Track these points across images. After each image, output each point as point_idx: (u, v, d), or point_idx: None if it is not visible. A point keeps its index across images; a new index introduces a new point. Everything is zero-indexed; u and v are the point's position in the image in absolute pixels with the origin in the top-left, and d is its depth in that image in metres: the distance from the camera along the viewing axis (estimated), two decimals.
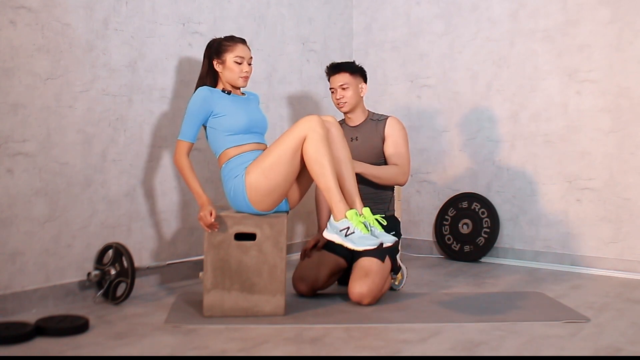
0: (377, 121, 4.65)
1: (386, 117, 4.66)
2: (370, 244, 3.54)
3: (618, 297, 4.48)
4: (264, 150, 4.10)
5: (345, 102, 4.59)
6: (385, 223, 3.82)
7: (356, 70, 4.64)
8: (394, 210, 4.65)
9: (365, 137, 4.61)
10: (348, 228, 3.62)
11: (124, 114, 4.47)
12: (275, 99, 5.66)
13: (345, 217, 3.65)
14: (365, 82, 4.70)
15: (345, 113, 4.67)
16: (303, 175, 4.00)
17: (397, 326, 3.73)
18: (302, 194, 4.14)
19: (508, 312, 4.04)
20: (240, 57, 4.14)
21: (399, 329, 3.67)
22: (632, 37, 5.18)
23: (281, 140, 3.83)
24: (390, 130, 4.59)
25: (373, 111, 4.87)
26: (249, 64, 4.20)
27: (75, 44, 4.19)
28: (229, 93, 4.17)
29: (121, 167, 4.46)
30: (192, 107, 4.03)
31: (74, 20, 4.18)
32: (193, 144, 4.06)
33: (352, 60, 4.78)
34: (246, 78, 4.18)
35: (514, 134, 5.73)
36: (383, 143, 4.59)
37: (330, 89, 4.66)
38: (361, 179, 4.32)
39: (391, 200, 4.63)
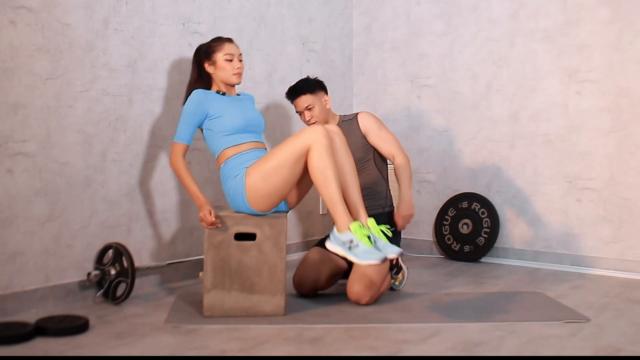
0: (349, 121, 4.70)
1: (356, 114, 4.71)
2: (374, 258, 3.50)
3: (618, 297, 4.49)
4: (262, 148, 4.13)
5: (315, 121, 4.62)
6: (390, 235, 3.80)
7: (315, 88, 4.67)
8: (392, 205, 4.65)
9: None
10: (351, 241, 3.58)
11: (124, 114, 4.48)
12: (275, 99, 5.67)
13: (349, 229, 3.62)
14: (326, 92, 4.74)
15: None
16: (303, 180, 3.99)
17: (397, 326, 3.74)
18: (301, 197, 4.13)
19: (508, 312, 4.05)
20: (230, 54, 4.18)
21: (399, 329, 3.68)
22: (632, 37, 5.18)
23: (284, 147, 3.82)
24: (367, 125, 4.64)
25: (340, 114, 4.95)
26: (240, 61, 4.23)
27: (75, 44, 4.20)
28: (223, 94, 4.20)
29: (121, 167, 4.47)
30: (187, 109, 4.05)
31: (74, 20, 4.19)
32: (189, 146, 4.07)
33: (306, 77, 4.79)
34: (239, 74, 4.20)
35: (514, 134, 5.74)
36: (364, 138, 4.63)
37: (297, 112, 4.72)
38: (361, 176, 4.45)
39: (387, 194, 4.64)
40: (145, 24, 4.60)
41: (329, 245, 3.70)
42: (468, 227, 5.85)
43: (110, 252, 4.27)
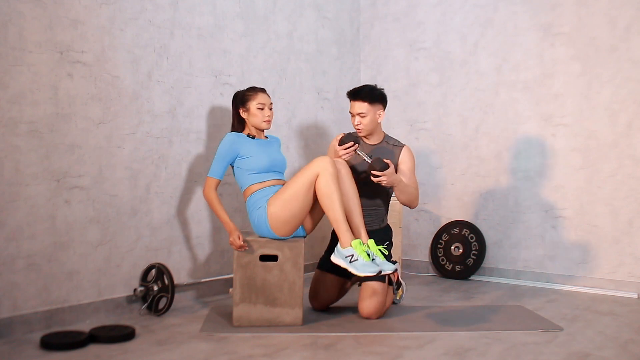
0: (392, 146, 4.42)
1: (402, 146, 4.43)
2: (371, 271, 3.55)
3: (587, 309, 4.48)
4: (282, 185, 4.15)
5: (361, 129, 4.32)
6: (387, 253, 3.81)
7: (375, 99, 4.29)
8: (387, 223, 4.54)
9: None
10: (352, 255, 3.63)
11: (165, 153, 4.52)
12: (294, 140, 5.71)
13: (351, 245, 3.67)
14: (384, 107, 4.37)
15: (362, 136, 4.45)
16: (316, 208, 4.02)
17: (399, 334, 3.75)
18: (316, 223, 4.14)
19: (493, 322, 4.05)
20: (262, 103, 4.18)
21: (400, 337, 3.69)
22: (599, 87, 5.21)
23: (298, 177, 3.87)
24: (405, 159, 4.38)
25: (387, 133, 4.60)
26: (270, 109, 4.23)
27: (123, 94, 4.25)
28: (253, 137, 4.22)
29: (162, 199, 4.51)
30: (221, 149, 4.09)
31: (122, 73, 4.25)
32: (220, 180, 4.11)
33: (374, 85, 4.40)
34: (269, 121, 4.22)
35: (498, 170, 5.75)
36: (396, 168, 4.37)
37: (350, 112, 4.36)
38: (365, 198, 4.28)
39: (385, 216, 4.51)
40: (183, 76, 4.66)
41: (333, 258, 3.73)
42: (459, 250, 5.84)
43: (154, 271, 4.29)
